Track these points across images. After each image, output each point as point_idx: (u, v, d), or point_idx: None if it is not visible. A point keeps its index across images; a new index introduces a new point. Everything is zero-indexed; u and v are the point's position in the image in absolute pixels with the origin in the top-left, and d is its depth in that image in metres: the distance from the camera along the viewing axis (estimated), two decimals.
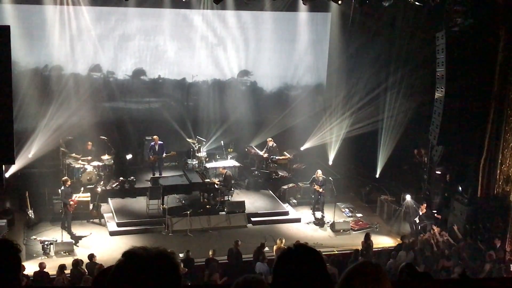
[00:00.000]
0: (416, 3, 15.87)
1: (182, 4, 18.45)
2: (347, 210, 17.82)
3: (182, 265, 12.00)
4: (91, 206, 16.07)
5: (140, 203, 16.87)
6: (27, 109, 17.81)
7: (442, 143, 16.38)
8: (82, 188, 16.23)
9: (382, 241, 15.78)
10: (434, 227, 15.53)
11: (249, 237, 15.42)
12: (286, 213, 17.32)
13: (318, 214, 17.11)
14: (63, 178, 15.59)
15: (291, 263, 2.44)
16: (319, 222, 16.86)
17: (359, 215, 17.63)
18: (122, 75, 20.19)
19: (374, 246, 14.67)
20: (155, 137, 18.38)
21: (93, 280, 3.59)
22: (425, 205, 16.31)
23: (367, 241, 14.51)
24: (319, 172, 17.19)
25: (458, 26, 15.88)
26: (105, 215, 16.22)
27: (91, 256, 12.79)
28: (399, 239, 15.12)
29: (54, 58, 19.12)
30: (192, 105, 20.98)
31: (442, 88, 15.82)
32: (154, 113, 20.62)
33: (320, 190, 16.91)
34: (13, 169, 15.96)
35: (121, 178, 17.57)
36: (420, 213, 16.09)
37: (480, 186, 15.97)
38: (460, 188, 16.63)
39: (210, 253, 13.36)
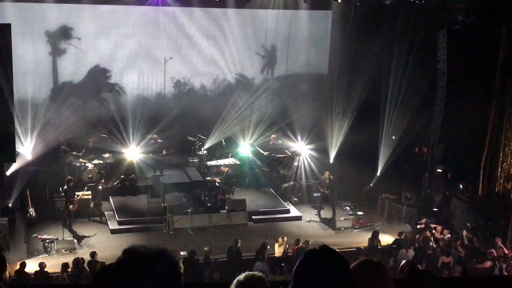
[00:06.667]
0: (417, 1, 15.85)
1: (182, 1, 18.44)
2: (348, 208, 17.80)
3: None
4: (92, 204, 16.08)
5: (141, 201, 16.86)
6: (28, 107, 17.79)
7: (443, 141, 16.36)
8: (85, 187, 16.24)
9: (383, 240, 15.75)
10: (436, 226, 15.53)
11: (250, 235, 15.43)
12: (287, 211, 17.32)
13: (323, 213, 17.08)
14: (68, 177, 15.62)
15: (316, 265, 2.36)
16: (329, 222, 16.75)
17: (360, 213, 17.61)
18: (122, 74, 20.15)
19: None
20: (154, 136, 18.37)
21: (94, 277, 3.60)
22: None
23: (374, 239, 14.48)
24: (327, 173, 17.21)
25: (459, 24, 15.86)
26: (106, 213, 16.23)
27: (92, 254, 12.81)
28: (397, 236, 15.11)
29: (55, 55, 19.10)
30: (193, 103, 20.92)
31: (443, 86, 15.81)
32: (155, 111, 20.58)
33: (326, 191, 16.90)
34: (14, 167, 15.96)
35: (122, 176, 17.56)
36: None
37: (481, 184, 15.96)
38: (461, 186, 16.62)
39: (206, 249, 13.42)
